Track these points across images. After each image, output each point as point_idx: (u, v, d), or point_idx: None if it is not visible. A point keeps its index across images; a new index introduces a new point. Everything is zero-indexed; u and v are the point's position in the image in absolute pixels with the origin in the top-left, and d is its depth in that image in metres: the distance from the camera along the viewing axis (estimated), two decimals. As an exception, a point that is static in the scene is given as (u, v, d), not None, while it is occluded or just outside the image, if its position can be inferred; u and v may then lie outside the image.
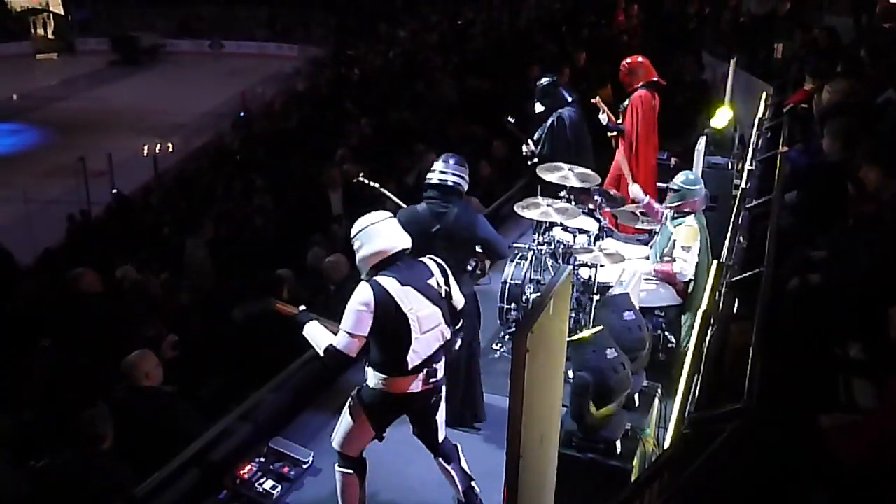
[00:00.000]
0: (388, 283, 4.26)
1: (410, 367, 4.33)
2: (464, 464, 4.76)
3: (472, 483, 4.73)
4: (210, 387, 6.15)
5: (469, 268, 5.56)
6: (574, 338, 4.40)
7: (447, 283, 4.48)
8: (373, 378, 4.43)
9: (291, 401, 6.07)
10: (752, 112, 9.03)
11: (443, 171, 5.45)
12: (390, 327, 4.26)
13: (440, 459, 4.74)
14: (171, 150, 22.66)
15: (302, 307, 4.64)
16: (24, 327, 7.10)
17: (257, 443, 5.56)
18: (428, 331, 4.34)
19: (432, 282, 4.40)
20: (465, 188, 5.54)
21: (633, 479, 4.19)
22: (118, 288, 7.74)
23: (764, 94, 9.31)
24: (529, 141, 8.14)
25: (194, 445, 5.18)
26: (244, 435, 5.66)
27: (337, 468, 4.68)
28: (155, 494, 4.85)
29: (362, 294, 4.24)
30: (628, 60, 8.43)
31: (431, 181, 5.46)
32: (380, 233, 4.36)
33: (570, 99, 8.10)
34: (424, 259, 4.48)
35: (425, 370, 4.38)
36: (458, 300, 4.57)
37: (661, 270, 6.34)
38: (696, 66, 12.10)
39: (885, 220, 4.03)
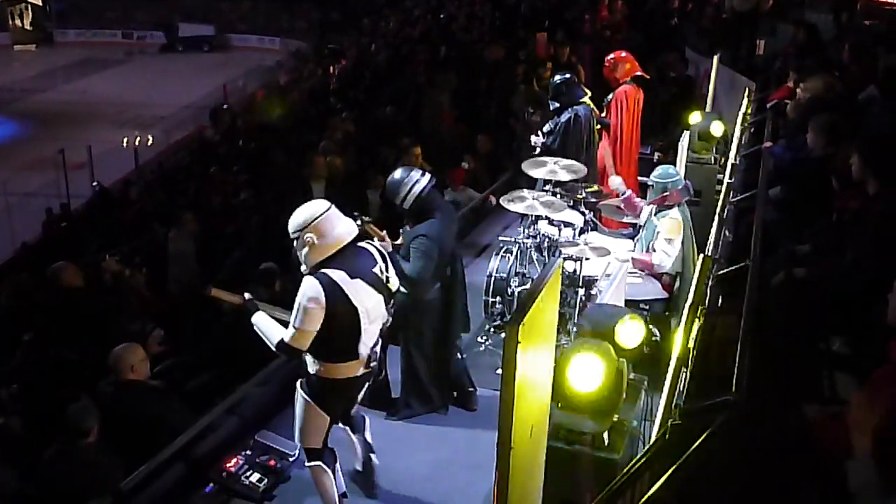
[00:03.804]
0: (338, 275, 4.18)
1: (356, 356, 4.35)
2: (368, 436, 4.94)
3: (371, 454, 4.97)
4: (196, 380, 6.13)
5: None
6: None
7: (388, 269, 4.50)
8: (313, 366, 4.39)
9: (277, 394, 6.04)
10: (736, 107, 9.09)
11: (418, 178, 5.46)
12: (340, 320, 4.20)
13: (347, 429, 4.87)
14: (150, 143, 22.54)
15: (247, 295, 4.59)
16: (6, 322, 7.05)
17: (243, 436, 5.53)
18: (374, 320, 4.36)
19: (376, 269, 4.38)
20: None
21: (620, 470, 4.22)
22: (101, 281, 7.69)
23: (747, 90, 9.37)
24: (539, 132, 8.20)
25: (180, 439, 5.14)
26: (230, 428, 5.64)
27: (307, 465, 4.66)
28: (141, 488, 4.82)
29: (311, 289, 4.14)
30: (612, 56, 8.47)
31: (425, 191, 5.45)
32: (333, 223, 4.24)
33: (584, 96, 8.16)
34: (365, 244, 4.45)
35: (368, 355, 4.41)
36: (395, 282, 4.60)
37: (640, 260, 6.38)
38: (681, 61, 12.15)
39: (869, 216, 4.07)
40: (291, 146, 12.82)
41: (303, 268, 4.31)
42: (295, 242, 4.28)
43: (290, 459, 5.33)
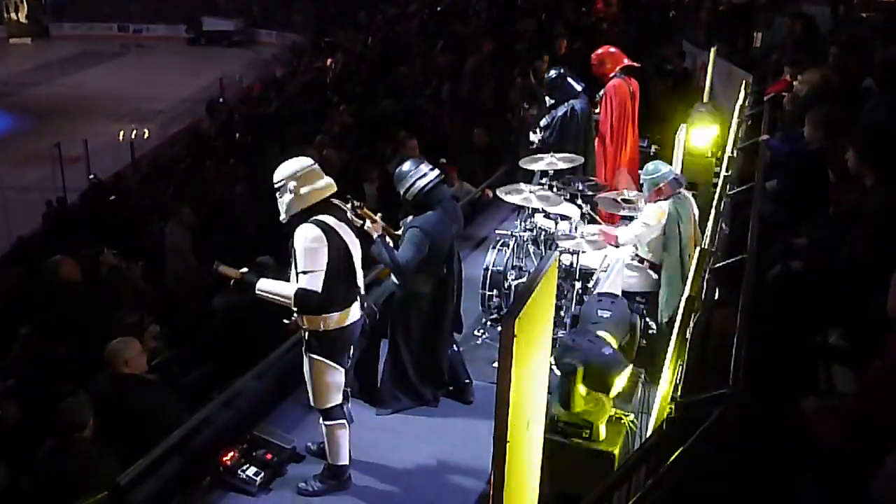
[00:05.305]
0: (328, 219, 4.52)
1: (355, 297, 4.69)
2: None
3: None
4: (193, 374, 6.12)
5: None
6: None
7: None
8: (320, 323, 4.60)
9: (274, 388, 6.05)
10: (733, 100, 9.08)
11: (426, 172, 5.50)
12: (341, 259, 4.55)
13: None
14: (146, 136, 22.46)
15: (244, 269, 4.74)
16: (3, 316, 7.03)
17: (240, 430, 5.53)
18: (360, 260, 4.75)
19: (349, 216, 4.82)
20: None
21: (616, 463, 4.23)
22: (98, 275, 7.67)
23: (744, 83, 9.36)
24: (537, 127, 8.19)
25: (177, 433, 5.13)
26: (227, 422, 5.62)
27: (326, 424, 4.85)
28: (138, 482, 4.81)
29: (310, 231, 4.44)
30: (599, 51, 8.44)
31: (430, 185, 5.48)
32: (318, 174, 4.60)
33: (579, 90, 8.16)
34: (336, 202, 4.72)
35: (359, 296, 4.76)
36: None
37: (607, 234, 6.45)
38: (678, 54, 12.14)
39: (865, 208, 4.06)
40: (287, 139, 12.79)
41: (283, 217, 4.60)
42: (279, 191, 4.59)
43: (287, 453, 5.33)
